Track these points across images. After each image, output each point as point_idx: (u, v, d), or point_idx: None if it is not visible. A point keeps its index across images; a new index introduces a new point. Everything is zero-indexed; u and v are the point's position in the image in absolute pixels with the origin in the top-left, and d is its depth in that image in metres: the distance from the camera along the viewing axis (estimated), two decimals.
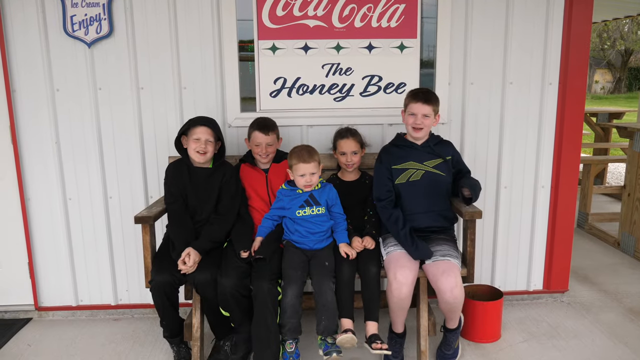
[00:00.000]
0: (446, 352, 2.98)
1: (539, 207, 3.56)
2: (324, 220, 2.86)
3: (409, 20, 3.27)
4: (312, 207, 2.84)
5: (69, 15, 3.14)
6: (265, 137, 2.97)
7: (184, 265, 2.66)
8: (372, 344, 2.67)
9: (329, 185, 2.95)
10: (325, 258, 2.79)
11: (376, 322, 2.77)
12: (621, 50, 28.83)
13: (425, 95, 2.86)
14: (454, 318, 2.86)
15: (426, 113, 2.84)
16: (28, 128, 3.29)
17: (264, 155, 2.99)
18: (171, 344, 2.98)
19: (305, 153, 2.81)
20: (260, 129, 2.97)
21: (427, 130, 2.92)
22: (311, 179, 2.81)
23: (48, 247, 3.46)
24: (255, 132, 2.98)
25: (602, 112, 7.46)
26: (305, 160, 2.78)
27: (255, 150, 3.01)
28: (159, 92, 3.29)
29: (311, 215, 2.84)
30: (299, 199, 2.85)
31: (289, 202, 2.86)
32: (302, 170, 2.80)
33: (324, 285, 2.69)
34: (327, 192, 2.90)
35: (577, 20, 3.32)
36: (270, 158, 3.03)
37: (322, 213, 2.86)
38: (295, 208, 2.84)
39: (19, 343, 3.26)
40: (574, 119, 3.43)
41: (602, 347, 3.11)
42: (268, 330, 2.65)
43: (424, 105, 2.84)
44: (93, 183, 3.38)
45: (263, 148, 2.97)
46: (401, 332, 2.96)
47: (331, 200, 2.90)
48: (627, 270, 4.31)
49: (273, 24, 3.24)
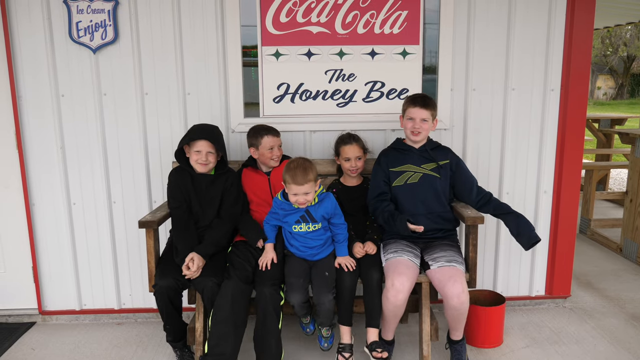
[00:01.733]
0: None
1: (541, 212, 3.57)
2: (320, 235, 2.82)
3: (411, 26, 3.29)
4: (307, 224, 2.78)
5: (75, 22, 3.17)
6: (276, 139, 3.01)
7: (188, 270, 2.68)
8: (373, 351, 2.73)
9: (328, 196, 2.83)
10: (325, 268, 2.80)
11: (377, 328, 2.81)
12: (624, 56, 28.84)
13: (423, 100, 2.90)
14: (459, 327, 2.84)
15: (424, 117, 2.88)
16: (33, 133, 3.32)
17: (276, 158, 3.02)
18: (174, 348, 3.00)
19: (300, 173, 2.65)
20: (271, 133, 3.00)
21: (425, 135, 2.95)
22: (305, 198, 2.69)
23: (52, 251, 3.48)
24: (266, 137, 2.98)
25: (604, 118, 7.46)
26: (298, 182, 2.65)
27: (267, 155, 3.00)
28: (163, 97, 3.31)
29: (306, 232, 2.79)
30: (294, 214, 2.77)
31: (284, 215, 2.81)
32: (294, 190, 2.68)
33: (322, 297, 2.72)
34: (325, 205, 2.79)
35: (579, 27, 3.33)
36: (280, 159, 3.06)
37: (318, 229, 2.80)
38: (291, 222, 2.79)
39: (22, 347, 3.27)
40: (575, 124, 3.44)
41: (605, 352, 3.11)
42: (269, 334, 2.67)
43: (422, 110, 2.87)
44: (97, 188, 3.40)
45: (277, 151, 3.00)
46: (390, 339, 2.99)
47: (328, 213, 2.79)
48: (630, 276, 4.31)
49: (277, 30, 3.26)
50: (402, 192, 2.95)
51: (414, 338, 3.26)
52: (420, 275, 2.78)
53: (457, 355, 2.93)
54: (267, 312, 2.68)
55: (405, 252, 2.80)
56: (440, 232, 2.97)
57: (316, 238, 2.81)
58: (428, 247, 2.91)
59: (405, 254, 2.79)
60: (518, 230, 2.79)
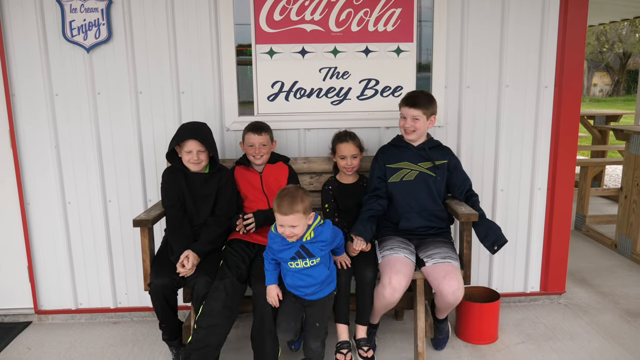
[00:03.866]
0: (439, 336, 3.09)
1: (535, 209, 3.58)
2: (320, 271, 2.56)
3: (405, 24, 3.30)
4: (304, 260, 2.51)
5: (68, 21, 3.16)
6: (258, 137, 2.99)
7: (183, 268, 2.68)
8: (360, 349, 2.81)
9: (326, 228, 2.55)
10: (317, 315, 2.65)
11: (366, 326, 2.87)
12: (619, 53, 28.89)
13: (414, 99, 2.91)
14: (447, 312, 2.96)
15: (415, 116, 2.89)
16: (27, 132, 3.31)
17: (257, 156, 3.01)
18: (170, 347, 3.00)
19: (286, 202, 2.38)
20: (252, 130, 3.01)
21: (420, 133, 2.95)
22: (292, 231, 2.42)
23: (47, 250, 3.47)
24: (249, 134, 3.01)
25: (600, 114, 7.48)
26: (283, 212, 2.38)
27: (249, 151, 3.03)
28: (157, 96, 3.31)
29: (304, 268, 2.54)
30: (289, 250, 2.51)
31: (279, 250, 2.53)
32: (279, 221, 2.43)
33: (311, 343, 2.68)
34: (323, 235, 2.53)
35: (573, 23, 3.34)
36: (264, 159, 3.05)
37: (316, 264, 2.54)
38: (286, 259, 2.53)
39: (18, 347, 3.27)
40: (569, 121, 3.46)
41: (599, 348, 3.12)
42: (267, 333, 2.68)
43: (411, 109, 2.90)
44: (92, 187, 3.40)
45: (256, 148, 2.99)
46: (376, 323, 3.07)
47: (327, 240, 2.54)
48: (624, 272, 4.33)
49: (270, 28, 3.26)
50: (397, 188, 2.96)
51: (409, 335, 3.27)
52: (414, 272, 2.79)
53: (438, 329, 3.06)
54: (264, 311, 2.68)
55: (401, 249, 2.81)
56: (433, 229, 2.98)
57: (316, 275, 2.55)
58: (422, 244, 2.92)
59: (402, 251, 2.80)
60: (486, 234, 2.82)
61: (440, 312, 2.96)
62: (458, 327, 3.27)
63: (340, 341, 2.84)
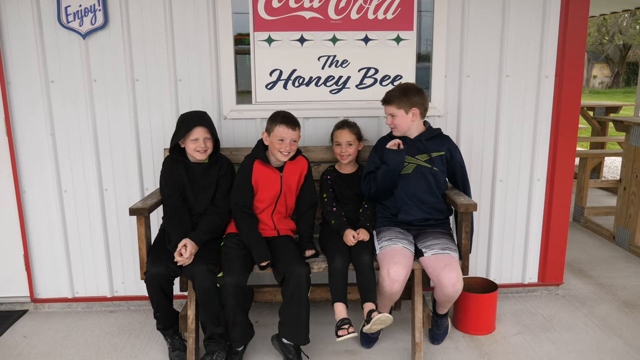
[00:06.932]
0: (437, 331, 3.07)
1: (534, 200, 3.57)
2: None
3: (405, 12, 3.26)
4: None
5: (64, 6, 3.12)
6: (291, 132, 2.81)
7: (181, 256, 2.66)
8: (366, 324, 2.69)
9: None
10: None
11: (373, 302, 2.72)
12: (620, 44, 28.78)
13: (387, 95, 2.91)
14: (447, 306, 2.91)
15: (390, 113, 2.90)
16: (23, 120, 3.28)
17: (285, 152, 2.82)
18: (165, 336, 2.98)
19: None
20: (286, 122, 2.81)
21: (403, 128, 2.91)
22: None
23: (44, 239, 3.45)
24: (281, 126, 2.80)
25: (599, 106, 7.46)
26: None
27: (276, 145, 2.82)
28: (154, 84, 3.28)
29: None
30: None
31: None
32: None
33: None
34: None
35: (574, 13, 3.31)
36: (291, 156, 2.89)
37: None
38: None
39: (14, 335, 3.26)
40: (570, 112, 3.43)
41: (596, 339, 3.12)
42: (300, 307, 2.70)
43: (385, 106, 2.93)
44: (88, 175, 3.37)
45: (287, 145, 2.81)
46: (443, 313, 3.02)
47: None
48: (622, 263, 4.33)
49: (269, 15, 3.22)
50: None
51: (407, 325, 3.27)
52: (413, 263, 2.77)
53: (437, 324, 3.03)
54: (300, 290, 2.67)
55: (399, 240, 2.79)
56: (431, 220, 2.96)
57: None
58: (420, 235, 2.91)
59: (400, 241, 2.78)
60: None
61: (440, 307, 2.92)
62: (456, 318, 3.27)
63: (340, 318, 2.69)
